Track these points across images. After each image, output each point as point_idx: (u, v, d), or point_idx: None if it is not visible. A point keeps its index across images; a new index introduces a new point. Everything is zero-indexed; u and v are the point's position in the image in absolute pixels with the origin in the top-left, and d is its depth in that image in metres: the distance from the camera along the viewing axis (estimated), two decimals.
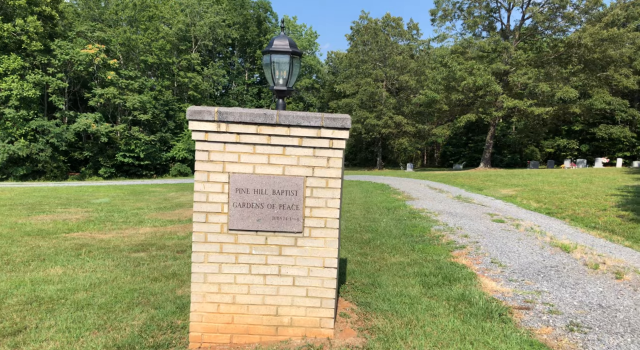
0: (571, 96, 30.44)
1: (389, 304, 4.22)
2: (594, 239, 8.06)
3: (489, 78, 30.31)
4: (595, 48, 29.77)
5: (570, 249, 6.54)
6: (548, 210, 11.99)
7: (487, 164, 35.27)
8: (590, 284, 4.96)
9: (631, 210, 10.59)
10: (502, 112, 32.27)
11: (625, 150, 40.47)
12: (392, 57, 41.84)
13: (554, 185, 17.16)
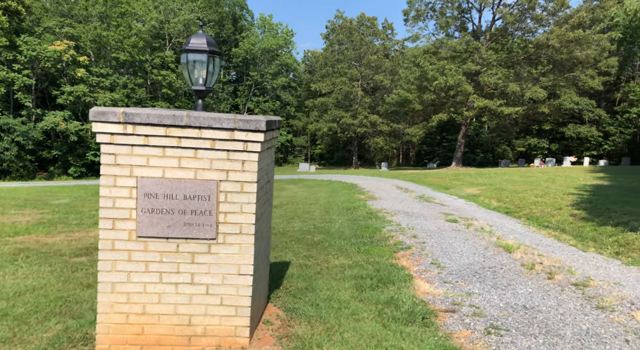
0: (540, 96, 31.07)
1: (316, 310, 4.18)
2: (542, 238, 8.19)
3: (460, 78, 30.68)
4: (562, 49, 30.43)
5: (512, 249, 6.62)
6: (507, 210, 12.17)
7: (459, 163, 35.73)
8: (521, 284, 5.01)
9: (584, 209, 10.82)
10: (473, 111, 32.72)
11: (593, 149, 41.55)
12: (367, 57, 42.01)
13: (517, 184, 17.45)
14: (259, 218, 3.71)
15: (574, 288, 4.89)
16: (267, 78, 53.27)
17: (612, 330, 3.78)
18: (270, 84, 53.12)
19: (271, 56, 53.07)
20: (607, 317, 4.07)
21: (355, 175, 29.52)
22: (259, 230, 3.73)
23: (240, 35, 52.95)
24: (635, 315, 4.09)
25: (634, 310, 4.25)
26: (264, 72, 53.01)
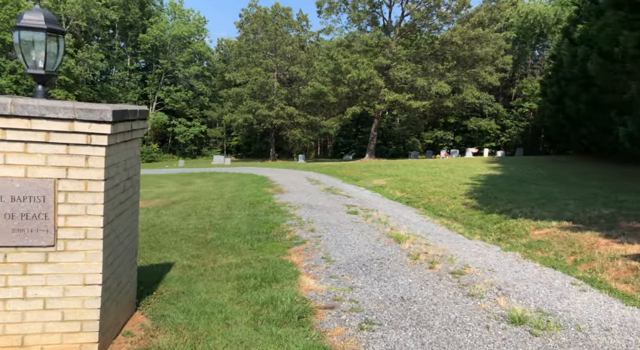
0: (445, 91, 32.86)
1: (187, 316, 3.87)
2: (434, 227, 8.54)
3: (372, 72, 31.50)
4: (464, 46, 32.38)
5: (402, 240, 6.78)
6: (408, 200, 12.62)
7: (372, 154, 36.82)
8: (404, 275, 5.10)
9: (475, 198, 11.51)
10: (384, 105, 33.81)
11: (492, 141, 44.95)
12: (282, 47, 41.64)
13: (421, 175, 18.25)
14: (111, 220, 3.31)
15: (451, 276, 5.06)
16: (178, 66, 50.84)
17: (477, 318, 3.92)
18: (182, 72, 50.78)
19: (183, 44, 50.70)
20: (475, 304, 4.23)
21: (270, 168, 29.22)
22: (111, 234, 3.33)
23: (148, 20, 49.86)
24: (500, 300, 4.30)
25: (499, 295, 4.48)
26: (175, 60, 50.52)
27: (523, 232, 8.07)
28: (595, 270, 5.91)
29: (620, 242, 6.74)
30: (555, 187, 12.25)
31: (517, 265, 6.05)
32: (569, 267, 6.14)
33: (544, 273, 5.70)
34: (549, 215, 8.73)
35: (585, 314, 4.16)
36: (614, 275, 5.67)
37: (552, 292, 4.81)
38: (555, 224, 8.08)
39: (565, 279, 5.53)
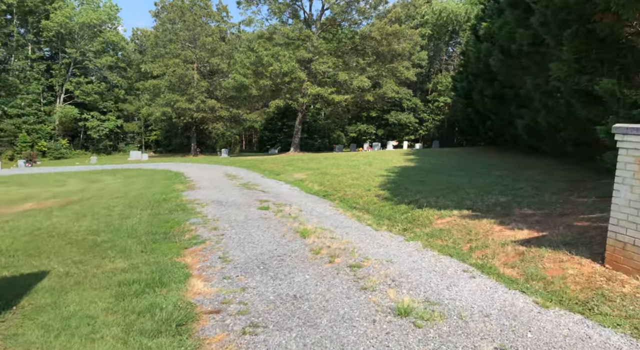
0: (365, 85, 33.53)
1: (45, 333, 3.42)
2: (344, 220, 8.55)
3: (294, 65, 31.32)
4: (383, 41, 33.22)
5: (308, 234, 6.66)
6: (325, 193, 12.61)
7: (297, 148, 36.76)
8: (302, 272, 4.96)
9: (388, 189, 11.76)
10: (307, 98, 33.82)
11: (411, 134, 46.79)
12: (201, 38, 40.08)
13: (341, 167, 18.43)
14: None
15: (348, 270, 5.01)
16: (89, 56, 47.24)
17: (365, 312, 3.86)
18: (93, 63, 47.26)
19: (93, 32, 47.14)
20: (366, 298, 4.19)
21: (189, 163, 28.10)
22: None
23: (51, 5, 45.70)
24: (390, 292, 4.30)
25: (392, 287, 4.48)
26: (85, 49, 46.88)
27: (427, 222, 8.31)
28: (487, 257, 6.17)
29: (512, 228, 7.13)
30: (461, 178, 12.86)
31: (416, 254, 6.17)
32: (464, 255, 6.37)
33: (440, 261, 5.85)
34: (451, 204, 9.08)
35: (470, 301, 4.28)
36: (503, 261, 5.95)
37: (444, 280, 4.93)
38: (457, 213, 8.40)
39: (458, 266, 5.72)
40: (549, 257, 5.69)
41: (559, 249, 5.82)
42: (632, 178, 4.96)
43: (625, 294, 4.51)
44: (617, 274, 4.96)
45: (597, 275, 5.01)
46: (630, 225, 4.97)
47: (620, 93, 6.77)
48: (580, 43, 7.43)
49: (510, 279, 5.30)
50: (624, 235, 5.03)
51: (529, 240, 6.50)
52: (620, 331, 3.84)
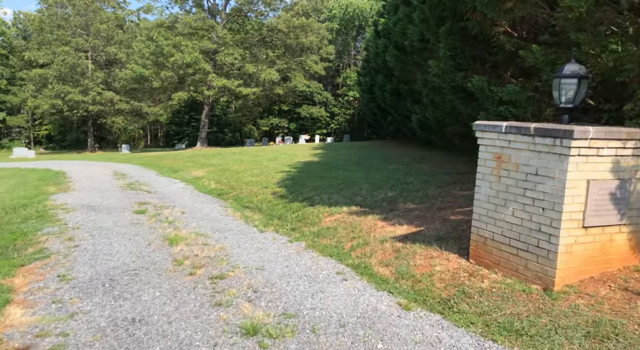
0: (273, 78, 33.01)
1: None
2: (230, 222, 8.05)
3: (198, 56, 29.89)
4: (290, 34, 32.91)
5: (178, 242, 6.09)
6: (220, 192, 11.99)
7: (204, 143, 35.33)
8: (154, 288, 4.41)
9: (285, 186, 11.44)
10: (213, 91, 32.54)
11: (323, 128, 47.20)
12: (95, 25, 36.82)
13: (244, 163, 17.82)
14: None
15: (208, 283, 4.55)
16: None
17: (209, 334, 3.44)
18: None
19: None
20: (217, 316, 3.77)
21: (80, 161, 25.69)
22: None
23: None
24: (245, 307, 3.93)
25: (250, 300, 4.11)
26: None
27: (316, 220, 8.10)
28: (365, 255, 6.06)
29: (394, 224, 7.13)
30: (358, 172, 12.93)
31: (294, 257, 5.88)
32: (344, 254, 6.21)
33: (316, 264, 5.61)
34: (342, 201, 8.98)
35: (331, 308, 4.04)
36: (380, 259, 5.87)
37: (312, 286, 4.67)
38: (346, 209, 8.29)
39: (334, 268, 5.51)
40: (421, 253, 5.69)
41: (430, 245, 5.85)
42: (490, 174, 5.05)
43: (483, 290, 4.56)
44: (479, 269, 5.04)
45: (462, 270, 5.05)
46: (490, 221, 5.06)
47: (488, 90, 7.00)
48: (455, 40, 7.60)
49: (382, 278, 5.19)
50: (485, 231, 5.12)
51: (406, 236, 6.51)
52: (471, 330, 3.82)
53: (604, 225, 4.47)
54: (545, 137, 4.41)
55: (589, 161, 4.31)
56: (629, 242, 4.63)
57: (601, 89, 6.33)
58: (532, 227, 4.57)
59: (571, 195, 4.29)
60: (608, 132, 4.28)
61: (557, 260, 4.32)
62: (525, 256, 4.62)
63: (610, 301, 4.03)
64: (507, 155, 4.83)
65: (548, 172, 4.41)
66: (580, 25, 5.51)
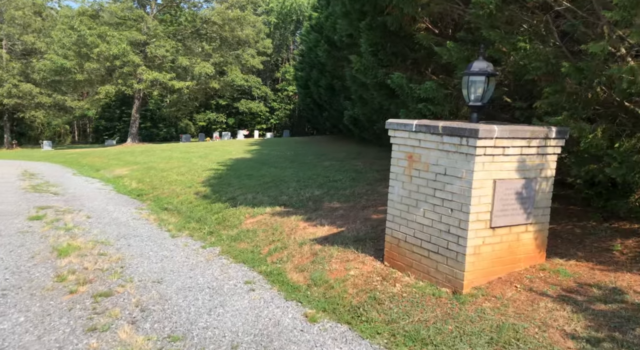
0: (208, 71, 31.85)
1: None
2: (140, 227, 7.44)
3: (125, 47, 28.15)
4: (225, 26, 31.89)
5: (68, 253, 5.44)
6: (140, 192, 11.23)
7: (135, 138, 33.53)
8: (21, 311, 3.82)
9: (210, 185, 10.88)
10: (144, 84, 30.87)
11: (263, 123, 46.43)
12: (9, 12, 33.72)
13: (173, 161, 16.93)
14: None
15: (90, 302, 4.02)
16: None
17: None
18: None
19: None
20: (86, 344, 3.27)
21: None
22: None
23: None
24: (124, 331, 3.46)
25: (134, 321, 3.65)
26: None
27: (237, 222, 7.68)
28: (282, 260, 5.74)
29: (315, 225, 6.86)
30: (290, 170, 12.59)
31: (203, 266, 5.43)
32: (259, 260, 5.85)
33: (225, 273, 5.21)
34: (267, 201, 8.61)
35: (228, 326, 3.67)
36: (297, 264, 5.57)
37: (213, 300, 4.27)
38: (269, 210, 7.94)
39: (245, 276, 5.14)
40: (338, 256, 5.45)
41: (348, 247, 5.63)
42: (403, 174, 4.88)
43: (394, 295, 4.38)
44: (393, 272, 4.87)
45: (375, 274, 4.85)
46: (403, 222, 4.90)
47: (408, 87, 6.89)
48: (376, 35, 7.43)
49: (294, 286, 4.89)
50: (398, 232, 4.95)
51: (326, 237, 6.27)
52: (376, 342, 3.59)
53: (511, 225, 4.42)
54: (452, 136, 4.28)
55: (495, 160, 4.22)
56: (535, 241, 4.62)
57: (514, 86, 6.40)
58: (441, 229, 4.44)
59: (478, 195, 4.18)
60: (513, 131, 4.21)
61: (465, 263, 4.21)
62: (436, 258, 4.49)
63: (515, 303, 3.96)
64: (418, 154, 4.68)
65: (456, 172, 4.28)
66: (491, 22, 5.46)
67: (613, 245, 4.91)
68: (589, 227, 5.56)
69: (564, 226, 5.74)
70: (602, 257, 4.70)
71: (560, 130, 4.52)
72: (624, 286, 4.00)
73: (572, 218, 6.07)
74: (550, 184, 4.63)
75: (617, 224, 5.54)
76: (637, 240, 4.99)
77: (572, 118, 4.97)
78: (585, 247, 5.00)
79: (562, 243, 5.17)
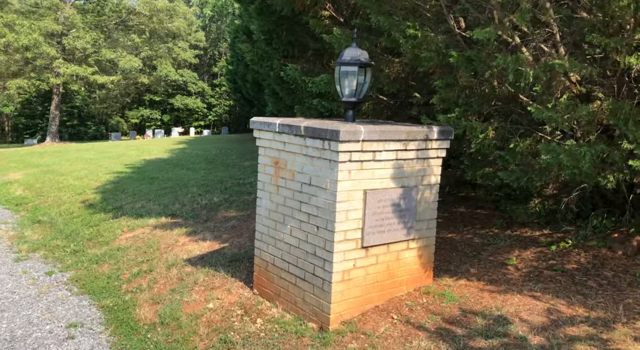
0: (135, 65, 29.84)
1: None
2: None
3: (37, 38, 25.67)
4: (153, 18, 30.00)
5: None
6: (21, 201, 9.86)
7: (54, 138, 30.90)
8: None
9: (103, 192, 9.66)
10: (61, 79, 28.41)
11: (200, 119, 44.58)
12: None
13: (80, 162, 15.37)
14: None
15: None
16: None
17: None
18: None
19: None
20: None
21: None
22: None
23: None
24: None
25: None
26: None
27: (111, 237, 6.63)
28: (141, 289, 4.79)
29: (197, 240, 5.96)
30: (202, 171, 11.54)
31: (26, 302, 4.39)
32: (112, 289, 4.87)
33: (51, 311, 4.20)
34: (156, 210, 7.59)
35: None
36: (156, 292, 4.65)
37: None
38: (153, 222, 6.93)
39: (76, 315, 4.16)
40: (204, 282, 4.59)
41: (219, 270, 4.78)
42: (270, 183, 4.07)
43: (250, 335, 3.56)
44: (260, 303, 4.06)
45: (238, 307, 4.02)
46: (271, 241, 4.10)
47: (301, 80, 6.11)
48: (268, 21, 6.61)
49: (136, 327, 3.97)
50: (267, 253, 4.15)
51: (203, 256, 5.38)
52: None
53: (389, 242, 3.73)
54: (314, 138, 3.52)
55: (365, 167, 3.50)
56: (419, 260, 3.97)
57: (413, 80, 5.77)
58: (308, 250, 3.68)
59: (345, 209, 3.45)
60: (384, 133, 3.50)
61: (331, 292, 3.47)
62: (303, 286, 3.73)
63: (385, 342, 3.26)
64: (283, 160, 3.89)
65: (320, 182, 3.53)
66: (379, 7, 4.77)
67: (509, 258, 4.37)
68: (489, 236, 5.03)
69: (464, 235, 5.18)
70: (496, 273, 4.13)
71: (443, 130, 3.87)
72: (511, 313, 3.41)
73: (475, 224, 5.55)
74: (434, 192, 3.99)
75: (519, 231, 5.04)
76: (535, 250, 4.49)
77: (465, 115, 4.37)
78: (480, 261, 4.43)
79: (457, 256, 4.58)
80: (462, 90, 4.41)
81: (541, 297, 3.61)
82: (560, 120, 3.54)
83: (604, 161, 3.45)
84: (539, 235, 4.83)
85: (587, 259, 4.14)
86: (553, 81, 3.73)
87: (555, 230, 4.77)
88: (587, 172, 3.39)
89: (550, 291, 3.68)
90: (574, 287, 3.74)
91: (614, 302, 3.44)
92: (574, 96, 3.76)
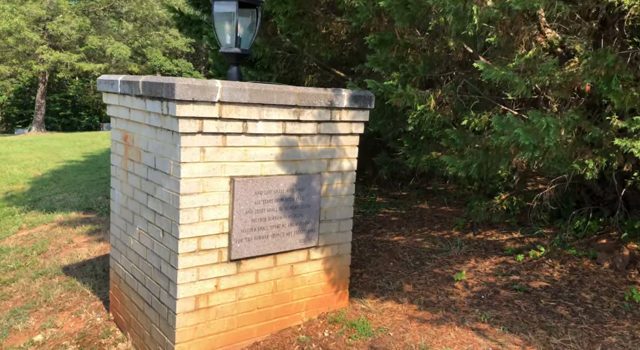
0: (123, 53, 28.77)
1: None
2: None
3: (19, 23, 24.65)
4: (143, 4, 28.92)
5: None
6: None
7: (40, 127, 29.98)
8: None
9: (36, 182, 8.59)
10: (45, 65, 27.40)
11: None
12: None
13: (40, 151, 14.36)
14: None
15: None
16: None
17: None
18: None
19: None
20: None
21: None
22: None
23: None
24: None
25: None
26: None
27: (3, 235, 5.55)
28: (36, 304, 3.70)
29: (93, 241, 4.86)
30: None
31: None
32: None
33: None
34: (74, 203, 6.50)
35: None
36: None
37: None
38: (60, 217, 5.84)
39: None
40: (57, 300, 3.53)
41: (85, 283, 3.67)
42: (120, 167, 2.93)
43: None
44: (107, 334, 2.93)
45: (75, 340, 2.91)
46: (122, 248, 2.96)
47: None
48: None
49: None
50: (119, 265, 3.02)
51: (85, 263, 4.34)
52: None
53: (276, 252, 2.59)
54: (154, 99, 2.38)
55: (230, 144, 2.36)
56: (326, 276, 2.82)
57: (356, 44, 4.61)
58: (154, 264, 2.55)
59: (197, 206, 2.31)
60: (259, 93, 2.35)
61: (175, 328, 2.34)
62: (150, 315, 2.60)
63: None
64: (131, 133, 2.76)
65: (164, 166, 2.40)
66: None
67: (460, 270, 3.22)
68: (444, 240, 3.88)
69: (413, 238, 4.03)
70: (436, 292, 2.98)
71: (355, 95, 2.71)
72: None
73: (433, 225, 4.39)
74: (349, 181, 2.83)
75: (483, 235, 3.89)
76: (496, 261, 3.34)
77: (408, 82, 3.21)
78: (422, 273, 3.28)
79: (394, 267, 3.44)
80: (403, 49, 3.25)
81: (487, 332, 2.47)
82: (519, 81, 2.37)
83: (581, 141, 2.28)
84: (506, 240, 3.67)
85: (562, 273, 2.98)
86: (514, 28, 2.57)
87: (528, 233, 3.60)
88: (557, 154, 2.22)
89: (503, 322, 2.55)
90: (536, 316, 2.59)
91: (589, 342, 2.30)
92: (543, 50, 2.58)
